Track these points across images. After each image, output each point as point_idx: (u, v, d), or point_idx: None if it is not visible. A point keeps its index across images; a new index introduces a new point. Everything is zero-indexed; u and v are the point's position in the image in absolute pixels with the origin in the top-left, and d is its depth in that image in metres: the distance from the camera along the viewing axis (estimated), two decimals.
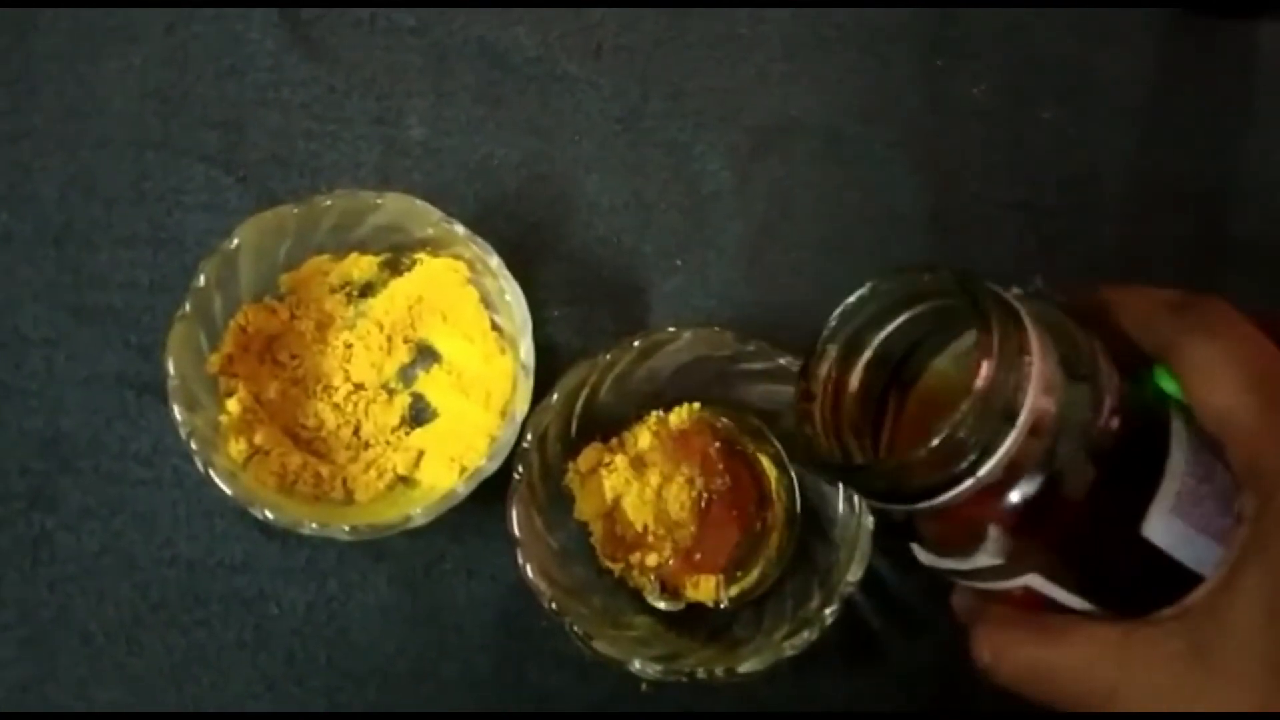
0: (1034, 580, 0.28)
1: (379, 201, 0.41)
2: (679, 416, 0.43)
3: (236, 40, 0.49)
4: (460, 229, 0.41)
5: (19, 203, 0.47)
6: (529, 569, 0.39)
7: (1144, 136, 0.50)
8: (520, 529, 0.39)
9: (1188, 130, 0.50)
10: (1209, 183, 0.50)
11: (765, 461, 0.44)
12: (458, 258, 0.43)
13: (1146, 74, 0.51)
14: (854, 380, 0.31)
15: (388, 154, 0.48)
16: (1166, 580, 0.27)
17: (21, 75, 0.48)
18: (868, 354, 0.31)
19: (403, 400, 0.44)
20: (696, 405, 0.44)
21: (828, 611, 0.38)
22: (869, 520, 0.39)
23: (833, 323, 0.30)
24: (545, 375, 0.41)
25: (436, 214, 0.41)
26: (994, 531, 0.27)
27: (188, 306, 0.40)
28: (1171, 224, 0.49)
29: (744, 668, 0.38)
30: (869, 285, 0.30)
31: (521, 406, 0.40)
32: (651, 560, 0.42)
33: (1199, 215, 0.49)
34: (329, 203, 0.41)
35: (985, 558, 0.28)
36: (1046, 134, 0.50)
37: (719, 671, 0.38)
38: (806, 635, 0.38)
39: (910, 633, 0.44)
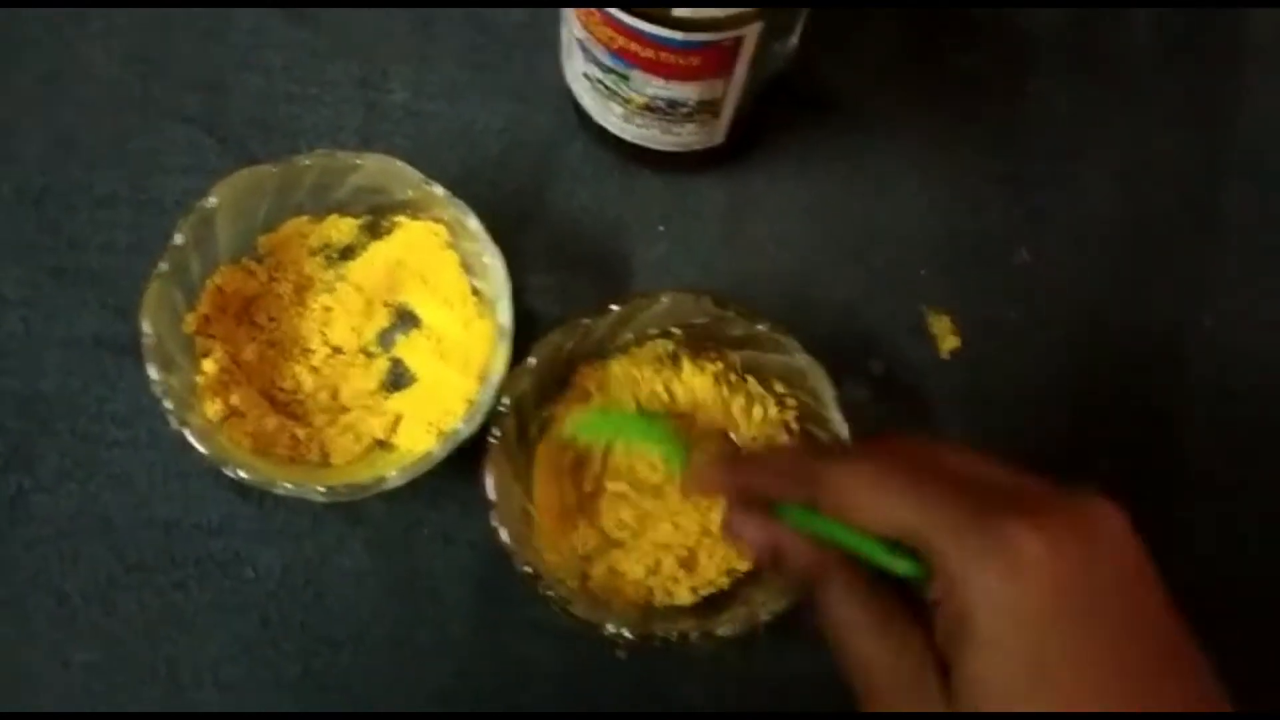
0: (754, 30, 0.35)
1: (358, 162, 0.41)
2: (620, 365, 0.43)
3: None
4: (440, 191, 0.41)
5: None
6: (503, 532, 0.39)
7: (1133, 111, 0.50)
8: (495, 492, 0.39)
9: (1177, 105, 0.50)
10: (1197, 158, 0.49)
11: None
12: (437, 220, 0.43)
13: (1137, 48, 0.51)
14: None
15: (370, 117, 0.48)
16: None
17: (3, 36, 0.48)
18: None
19: (381, 364, 0.44)
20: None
21: None
22: None
23: None
24: (526, 342, 0.40)
25: (416, 175, 0.41)
26: None
27: (164, 265, 0.40)
28: (1159, 198, 0.49)
29: (720, 631, 0.38)
30: None
31: (498, 370, 0.40)
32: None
33: (1187, 190, 0.49)
34: (308, 162, 0.41)
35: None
36: (1035, 106, 0.50)
37: (695, 636, 0.38)
38: (784, 601, 0.38)
39: None
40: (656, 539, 0.42)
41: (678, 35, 0.35)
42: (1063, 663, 0.25)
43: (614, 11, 0.35)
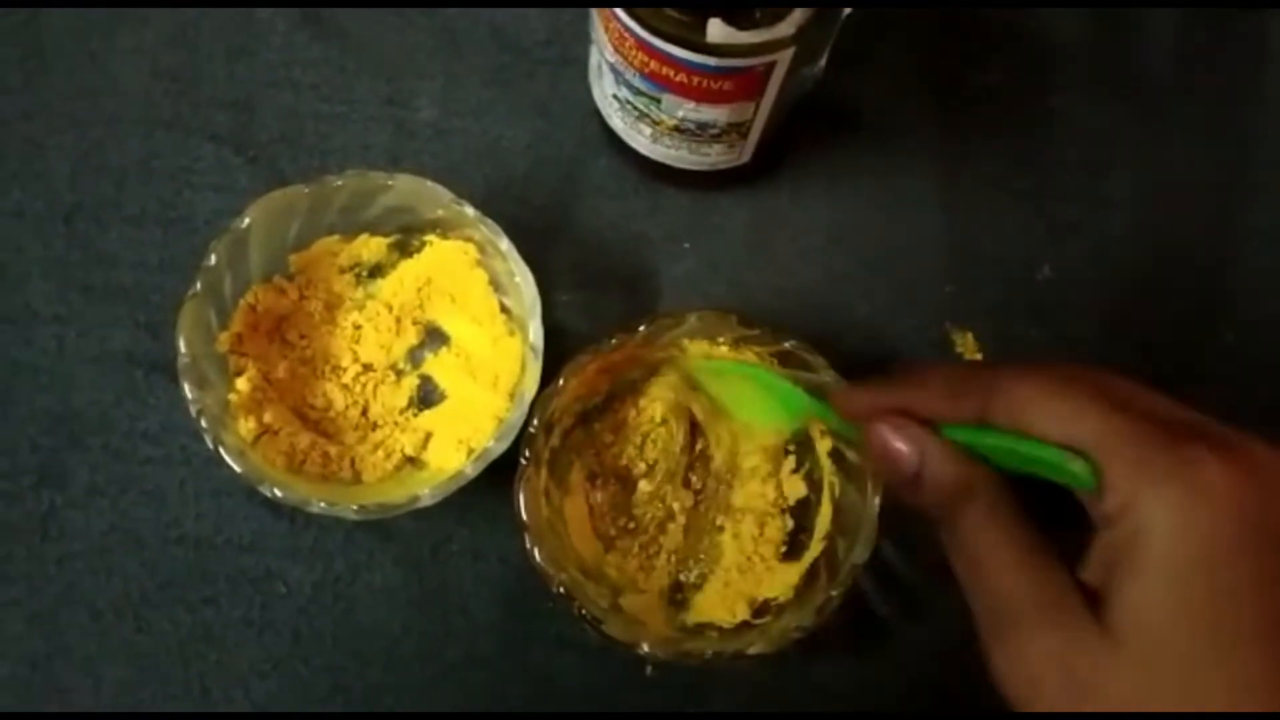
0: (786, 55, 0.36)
1: (389, 182, 0.41)
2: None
3: (247, 19, 0.49)
4: (470, 210, 0.41)
5: (30, 180, 0.47)
6: (537, 553, 0.39)
7: (1155, 125, 0.50)
8: (527, 513, 0.39)
9: (1199, 120, 0.50)
10: (1219, 172, 0.50)
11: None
12: (467, 240, 0.43)
13: (1159, 63, 0.51)
14: None
15: (397, 135, 0.48)
16: None
17: (34, 53, 0.48)
18: None
19: (411, 382, 0.44)
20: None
21: (834, 594, 0.38)
22: (875, 503, 0.39)
23: None
24: (553, 359, 0.41)
25: (447, 195, 0.41)
26: (798, 13, 0.34)
27: (199, 285, 0.40)
28: (1181, 213, 0.49)
29: (751, 650, 0.38)
30: None
31: (530, 388, 0.40)
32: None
33: (1209, 205, 0.49)
34: (340, 183, 0.41)
35: (784, 28, 0.34)
36: (1057, 122, 0.50)
37: (727, 655, 0.38)
38: (813, 618, 0.38)
39: (914, 616, 0.44)
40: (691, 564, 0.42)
41: (711, 61, 0.35)
42: (1236, 595, 0.24)
43: (649, 37, 0.35)
